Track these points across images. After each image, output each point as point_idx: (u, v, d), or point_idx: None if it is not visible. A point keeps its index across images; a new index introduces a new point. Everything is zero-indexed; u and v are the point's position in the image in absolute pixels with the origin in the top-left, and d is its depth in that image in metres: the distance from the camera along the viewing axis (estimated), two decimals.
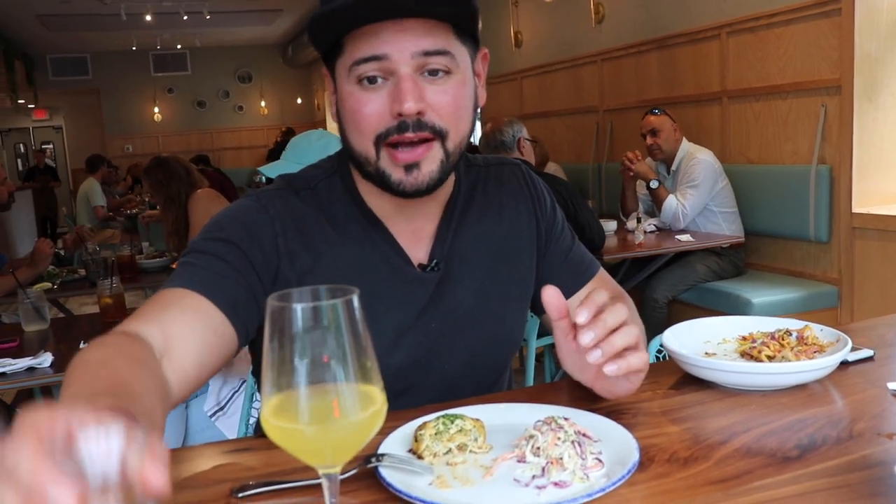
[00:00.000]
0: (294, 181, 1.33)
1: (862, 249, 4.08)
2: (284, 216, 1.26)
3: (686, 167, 4.51)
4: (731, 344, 1.39)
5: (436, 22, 1.16)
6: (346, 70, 1.18)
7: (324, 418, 0.67)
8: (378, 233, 1.30)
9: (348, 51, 1.18)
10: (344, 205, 1.31)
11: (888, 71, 4.03)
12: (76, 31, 13.10)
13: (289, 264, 1.24)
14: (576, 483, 0.91)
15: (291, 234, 1.25)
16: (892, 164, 4.12)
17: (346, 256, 1.27)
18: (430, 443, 1.00)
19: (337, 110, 1.26)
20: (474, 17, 1.20)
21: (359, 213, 1.30)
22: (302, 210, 1.28)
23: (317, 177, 1.33)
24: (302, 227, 1.27)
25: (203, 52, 15.99)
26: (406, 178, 1.19)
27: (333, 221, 1.29)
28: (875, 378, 1.25)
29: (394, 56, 1.14)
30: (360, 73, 1.16)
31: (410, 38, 1.14)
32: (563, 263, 1.45)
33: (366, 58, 1.15)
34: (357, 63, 1.16)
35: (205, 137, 15.86)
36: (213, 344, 1.14)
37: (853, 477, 0.91)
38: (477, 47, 1.27)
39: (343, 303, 0.66)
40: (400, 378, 1.28)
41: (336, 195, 1.31)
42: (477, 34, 1.25)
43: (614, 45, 6.09)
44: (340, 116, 1.25)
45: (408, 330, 1.29)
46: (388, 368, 1.25)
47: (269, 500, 0.93)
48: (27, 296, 3.03)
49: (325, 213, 1.29)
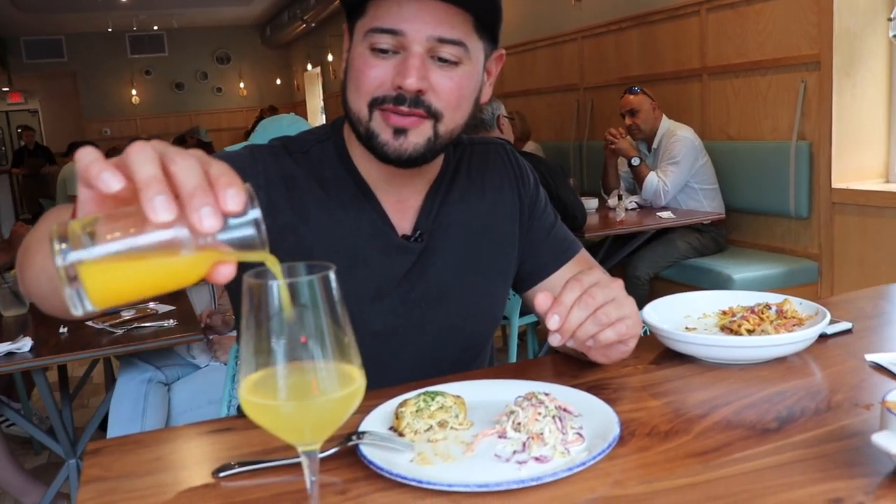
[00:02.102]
0: (289, 143, 1.35)
1: (841, 225, 4.11)
2: (272, 171, 1.29)
3: (666, 144, 4.52)
4: (711, 318, 1.40)
5: (458, 10, 1.18)
6: (363, 33, 1.21)
7: (302, 395, 0.67)
8: (367, 199, 1.32)
9: (370, 15, 1.20)
10: (335, 169, 1.32)
11: (867, 46, 4.04)
12: (50, 12, 12.93)
13: (270, 219, 1.23)
14: (556, 458, 0.92)
15: (276, 191, 1.27)
16: (870, 139, 4.14)
17: (333, 219, 1.29)
18: (410, 420, 1.00)
19: (346, 67, 1.28)
20: (497, 13, 1.23)
21: (350, 179, 1.32)
22: (292, 170, 1.30)
23: (309, 141, 1.35)
24: (290, 185, 1.29)
25: (180, 33, 15.84)
26: (392, 142, 1.21)
27: (324, 185, 1.31)
28: (853, 350, 1.26)
29: (409, 34, 1.17)
30: (373, 41, 1.19)
31: (429, 20, 1.17)
32: (544, 241, 1.46)
33: (383, 28, 1.18)
34: (373, 31, 1.18)
35: (183, 119, 15.72)
36: None
37: (831, 447, 0.92)
38: (494, 46, 1.30)
39: (320, 279, 0.66)
40: (379, 346, 1.30)
41: (328, 160, 1.33)
42: (497, 33, 1.28)
43: (595, 23, 6.07)
44: (346, 73, 1.27)
45: (386, 296, 1.31)
46: (366, 333, 1.26)
47: (250, 479, 0.93)
48: (5, 280, 3.01)
49: (316, 176, 1.31)
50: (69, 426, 3.09)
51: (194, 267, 0.65)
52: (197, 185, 0.62)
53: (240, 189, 0.63)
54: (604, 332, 1.07)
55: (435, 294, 1.34)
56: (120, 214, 0.64)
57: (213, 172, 0.63)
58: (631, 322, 1.10)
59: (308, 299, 0.65)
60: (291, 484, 0.91)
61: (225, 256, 0.65)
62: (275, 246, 0.66)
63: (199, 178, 0.62)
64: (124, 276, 0.63)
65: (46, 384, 2.71)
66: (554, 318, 1.05)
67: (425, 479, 0.86)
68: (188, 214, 0.61)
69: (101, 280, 0.62)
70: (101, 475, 0.97)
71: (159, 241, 0.62)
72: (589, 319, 1.06)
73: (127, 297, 0.65)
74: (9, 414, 3.02)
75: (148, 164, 0.62)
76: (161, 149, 0.64)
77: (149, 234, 0.62)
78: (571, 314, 1.05)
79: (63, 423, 2.84)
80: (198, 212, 0.61)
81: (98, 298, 0.63)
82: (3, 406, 2.98)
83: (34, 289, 0.92)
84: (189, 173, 0.62)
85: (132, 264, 0.63)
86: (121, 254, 0.62)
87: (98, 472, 0.98)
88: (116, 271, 0.63)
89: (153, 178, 0.61)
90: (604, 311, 1.06)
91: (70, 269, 0.61)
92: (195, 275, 0.65)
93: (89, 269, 0.62)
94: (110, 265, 0.62)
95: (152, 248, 0.62)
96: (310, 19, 13.08)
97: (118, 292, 0.65)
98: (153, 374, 2.92)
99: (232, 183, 0.63)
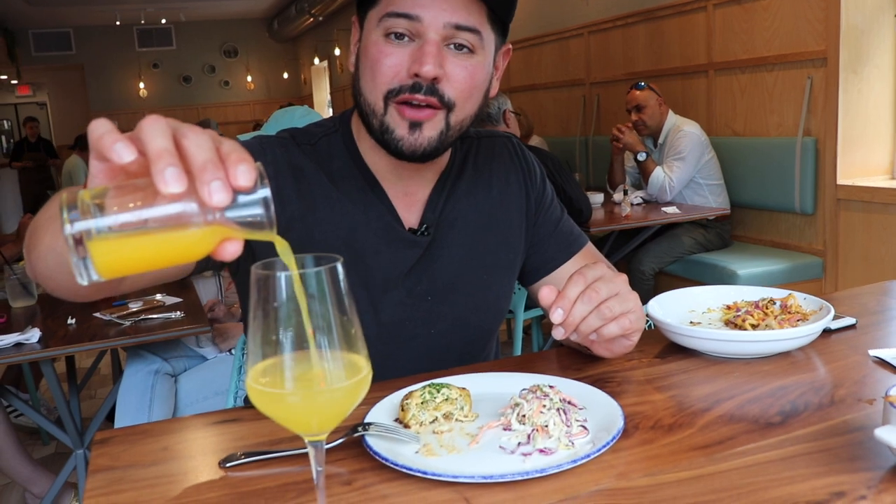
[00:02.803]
0: (297, 135, 1.35)
1: (846, 221, 4.10)
2: (281, 162, 1.29)
3: (672, 140, 4.51)
4: (715, 313, 1.41)
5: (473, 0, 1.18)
6: (377, 20, 1.20)
7: (309, 385, 0.68)
8: (374, 192, 1.32)
9: (383, 3, 1.20)
10: (343, 162, 1.33)
11: (874, 43, 4.03)
12: (58, 5, 12.93)
13: (279, 209, 1.24)
14: (561, 450, 0.92)
15: (285, 181, 1.28)
16: (876, 136, 4.13)
17: (341, 211, 1.29)
18: (416, 412, 1.00)
19: (356, 59, 1.28)
20: (512, 4, 1.23)
21: (357, 171, 1.32)
22: (301, 161, 1.31)
23: (317, 134, 1.36)
24: (298, 176, 1.29)
25: (188, 26, 15.84)
26: (408, 137, 1.21)
27: (332, 177, 1.31)
28: (857, 345, 1.27)
29: (426, 20, 1.17)
30: (389, 25, 1.18)
31: (446, 7, 1.17)
32: (551, 235, 1.46)
33: (399, 13, 1.17)
34: (389, 15, 1.18)
35: (191, 113, 15.72)
36: None
37: (834, 441, 0.93)
38: (504, 40, 1.30)
39: (327, 270, 0.66)
40: (386, 339, 1.30)
41: (336, 152, 1.33)
42: (508, 26, 1.28)
43: (601, 18, 6.07)
44: (359, 65, 1.27)
45: (393, 289, 1.31)
46: (375, 325, 1.28)
47: (256, 469, 0.94)
48: (14, 272, 3.02)
49: (325, 168, 1.31)
50: (77, 417, 3.11)
51: (202, 242, 0.65)
52: (208, 158, 0.62)
53: (251, 165, 0.63)
54: (607, 327, 1.08)
55: (441, 287, 1.34)
56: (130, 186, 0.64)
57: (225, 149, 0.64)
58: (634, 316, 1.10)
59: (316, 290, 0.66)
60: (298, 474, 0.92)
61: (233, 233, 0.65)
62: (282, 236, 0.66)
63: (211, 152, 0.63)
64: (131, 248, 0.63)
65: (54, 375, 2.73)
66: (557, 312, 1.06)
67: (430, 470, 0.87)
68: (198, 188, 0.61)
69: (107, 250, 0.63)
70: (109, 465, 0.97)
71: (168, 214, 0.63)
72: (592, 314, 1.06)
73: (133, 268, 0.66)
74: (17, 404, 3.03)
75: (160, 136, 0.62)
76: (174, 124, 0.65)
77: (158, 207, 0.62)
78: (575, 308, 1.06)
79: (71, 413, 2.85)
80: (208, 185, 0.61)
81: (104, 268, 0.63)
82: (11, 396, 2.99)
83: (42, 267, 0.92)
84: (201, 148, 0.63)
85: (139, 236, 0.63)
86: (129, 224, 0.63)
87: (105, 461, 0.98)
88: (123, 242, 0.63)
89: (165, 150, 0.61)
90: (607, 306, 1.07)
91: (77, 237, 0.61)
92: (202, 250, 0.66)
93: (97, 239, 0.62)
94: (118, 236, 0.63)
95: (161, 220, 0.63)
96: (317, 13, 13.08)
97: (124, 263, 0.65)
98: (160, 365, 2.93)
99: (243, 159, 0.63)
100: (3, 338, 2.46)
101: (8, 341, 2.45)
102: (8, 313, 2.91)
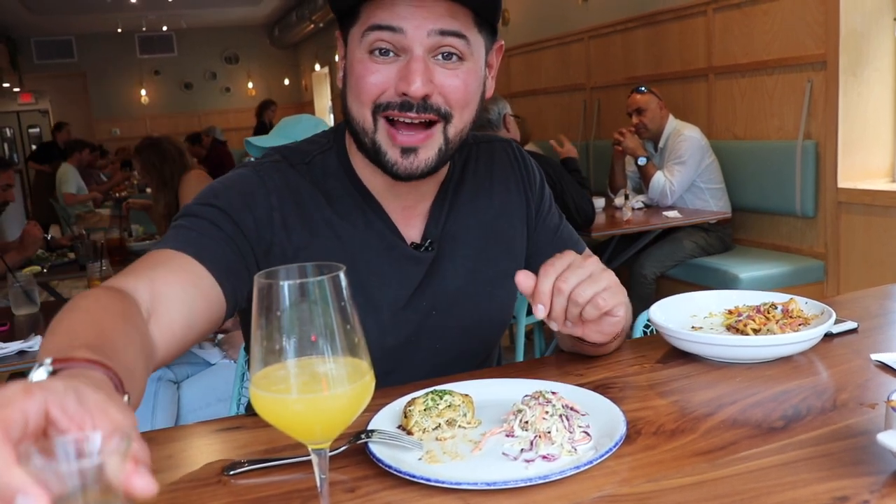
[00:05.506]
0: (290, 155, 1.31)
1: (847, 224, 4.10)
2: (282, 189, 1.26)
3: (673, 144, 4.51)
4: (717, 318, 1.41)
5: (457, 6, 1.15)
6: (360, 36, 1.17)
7: (312, 392, 0.68)
8: (372, 210, 1.29)
9: (364, 18, 1.16)
10: (338, 180, 1.30)
11: (873, 46, 4.04)
12: (60, 13, 12.97)
13: (285, 238, 1.23)
14: (564, 456, 0.92)
15: (289, 209, 1.25)
16: (876, 138, 4.14)
17: (341, 233, 1.27)
18: (419, 419, 1.00)
19: (344, 76, 1.25)
20: (496, 5, 1.19)
21: (353, 189, 1.30)
22: (298, 182, 1.27)
23: (311, 152, 1.32)
24: (298, 201, 1.26)
25: (189, 33, 15.86)
26: (401, 161, 1.19)
27: (328, 197, 1.28)
28: (859, 349, 1.27)
29: (409, 32, 1.13)
30: (372, 40, 1.15)
31: (428, 16, 1.13)
32: (551, 241, 1.45)
33: (381, 25, 1.14)
34: (371, 29, 1.14)
35: (192, 119, 15.73)
36: (201, 307, 1.12)
37: (837, 446, 0.93)
38: (494, 39, 1.27)
39: (330, 279, 0.67)
40: (392, 356, 1.29)
41: (331, 170, 1.30)
42: (496, 25, 1.25)
43: (602, 22, 6.07)
44: (346, 83, 1.24)
45: (401, 308, 1.29)
46: (383, 347, 1.27)
47: (260, 477, 0.94)
48: (17, 279, 3.03)
49: (320, 188, 1.28)
50: None
51: None
52: None
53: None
54: (585, 311, 1.08)
55: (447, 302, 1.33)
56: None
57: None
58: (608, 294, 1.09)
59: (318, 299, 0.66)
60: (301, 482, 0.92)
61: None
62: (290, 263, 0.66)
63: None
64: None
65: None
66: (539, 308, 1.08)
67: (434, 477, 0.87)
68: None
69: None
70: None
71: None
72: (569, 304, 1.07)
73: None
74: None
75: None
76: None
77: None
78: (554, 302, 1.07)
79: None
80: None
81: None
82: None
83: None
84: None
85: None
86: None
87: None
88: None
89: None
90: (577, 293, 1.07)
91: None
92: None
93: None
94: None
95: None
96: (318, 20, 13.09)
97: None
98: (163, 372, 2.94)
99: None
100: (6, 346, 2.46)
101: (11, 349, 2.45)
102: (11, 321, 2.91)
